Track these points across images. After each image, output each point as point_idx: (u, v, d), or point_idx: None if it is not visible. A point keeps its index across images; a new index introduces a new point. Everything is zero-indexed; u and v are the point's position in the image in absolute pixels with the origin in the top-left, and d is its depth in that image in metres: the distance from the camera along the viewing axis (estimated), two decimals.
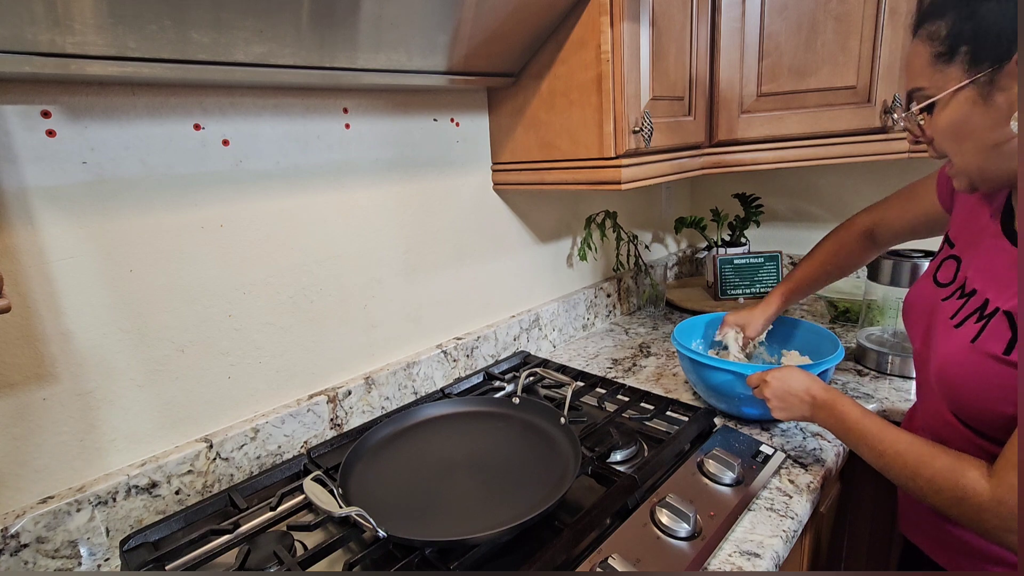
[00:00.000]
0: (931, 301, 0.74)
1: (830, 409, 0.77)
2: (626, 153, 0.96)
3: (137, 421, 0.79)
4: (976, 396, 0.62)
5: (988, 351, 0.61)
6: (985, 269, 0.66)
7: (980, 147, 0.59)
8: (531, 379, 1.11)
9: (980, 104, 0.57)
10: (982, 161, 0.60)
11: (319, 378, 0.99)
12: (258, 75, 0.76)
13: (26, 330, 0.69)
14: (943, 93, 0.59)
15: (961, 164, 0.63)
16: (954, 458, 0.61)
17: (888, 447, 0.68)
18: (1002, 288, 0.62)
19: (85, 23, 0.59)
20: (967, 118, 0.59)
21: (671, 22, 1.00)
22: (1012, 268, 0.62)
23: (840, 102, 1.13)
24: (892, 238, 0.97)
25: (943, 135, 0.62)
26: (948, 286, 0.72)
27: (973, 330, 0.63)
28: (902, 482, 0.66)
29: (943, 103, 0.60)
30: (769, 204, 1.75)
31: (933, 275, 0.76)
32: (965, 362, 0.63)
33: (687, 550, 0.68)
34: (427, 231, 1.11)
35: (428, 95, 1.06)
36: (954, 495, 0.60)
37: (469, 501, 0.75)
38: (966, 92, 0.58)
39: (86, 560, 0.74)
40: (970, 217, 0.73)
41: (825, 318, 1.48)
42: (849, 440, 0.74)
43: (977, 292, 0.66)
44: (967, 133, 0.59)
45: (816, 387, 0.80)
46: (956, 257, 0.73)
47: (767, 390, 0.84)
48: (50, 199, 0.69)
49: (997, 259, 0.65)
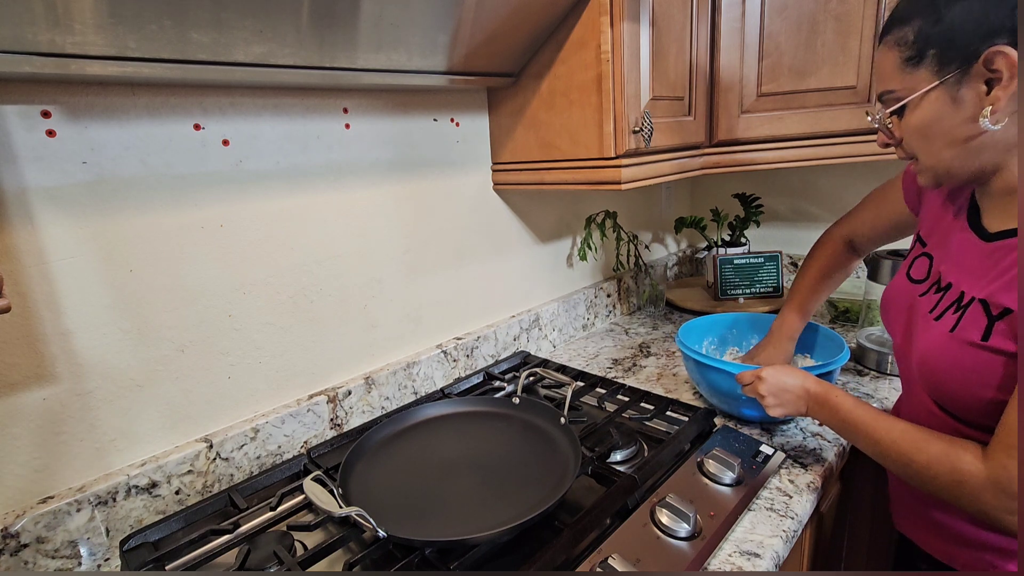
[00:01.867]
0: (908, 297, 0.76)
1: (824, 402, 0.78)
2: (626, 153, 0.96)
3: (137, 421, 0.79)
4: (957, 383, 0.64)
5: (967, 339, 0.63)
6: (958, 263, 0.69)
7: (949, 144, 0.62)
8: (531, 379, 1.11)
9: (949, 103, 0.60)
10: (950, 158, 0.63)
11: (319, 378, 0.99)
12: (258, 75, 0.76)
13: (26, 330, 0.69)
14: (914, 95, 0.62)
15: (929, 162, 0.65)
16: (948, 443, 0.62)
17: (883, 435, 0.69)
18: (975, 279, 0.65)
19: (85, 23, 0.59)
20: (937, 117, 0.62)
21: (671, 22, 1.00)
22: (982, 259, 0.65)
23: (840, 102, 1.13)
24: (870, 244, 1.00)
25: (913, 135, 0.65)
26: (923, 282, 0.74)
27: (951, 321, 0.66)
28: (899, 469, 0.67)
29: (913, 104, 0.63)
30: (769, 204, 1.75)
31: (907, 272, 0.79)
32: (945, 352, 0.65)
33: (687, 550, 0.68)
34: (427, 231, 1.11)
35: (428, 95, 1.06)
36: (951, 479, 0.61)
37: (469, 501, 0.75)
38: (936, 93, 0.61)
39: (86, 560, 0.74)
40: (938, 217, 0.76)
41: (825, 318, 1.48)
42: (845, 431, 0.75)
43: (953, 285, 0.68)
44: (936, 132, 0.62)
45: (809, 382, 0.81)
46: (928, 255, 0.76)
47: (762, 387, 0.84)
48: (50, 199, 0.69)
49: (967, 253, 0.68)
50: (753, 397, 0.86)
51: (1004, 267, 0.61)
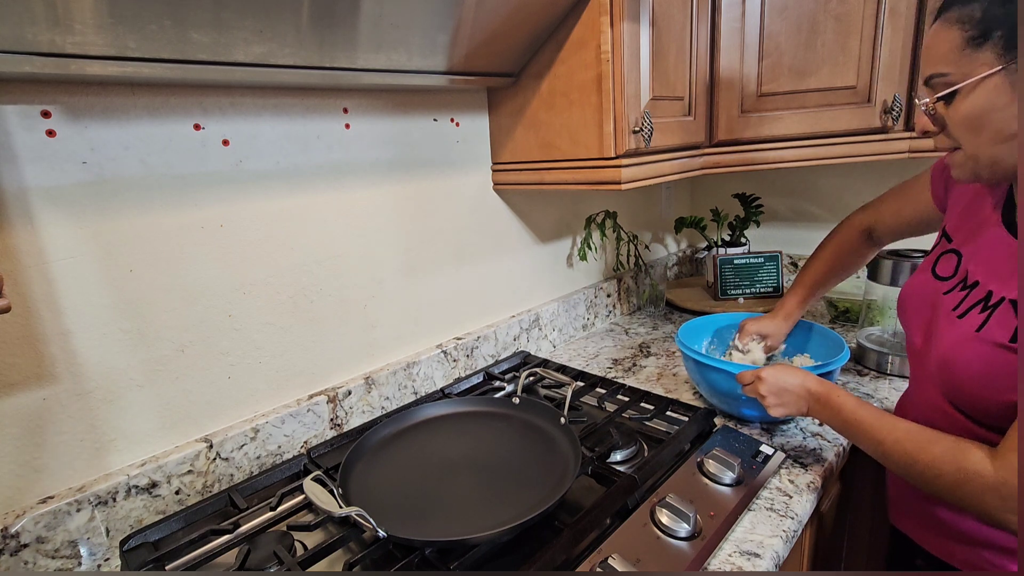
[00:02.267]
0: (931, 294, 0.74)
1: (825, 402, 0.77)
2: (626, 153, 0.96)
3: (137, 421, 0.79)
4: (980, 385, 0.62)
5: (994, 340, 0.61)
6: (987, 261, 0.67)
7: (998, 137, 0.58)
8: (531, 379, 1.11)
9: (1008, 92, 0.55)
10: (997, 152, 0.59)
11: (319, 378, 0.99)
12: (258, 75, 0.76)
13: (26, 330, 0.69)
14: (970, 79, 0.57)
15: (972, 153, 0.61)
16: (954, 441, 0.62)
17: (887, 435, 0.68)
18: (1005, 279, 0.63)
19: (85, 23, 0.59)
20: (992, 106, 0.57)
21: (671, 22, 1.00)
22: (1014, 258, 0.63)
23: (840, 102, 1.13)
24: (889, 236, 0.98)
25: (961, 123, 0.60)
26: (949, 279, 0.72)
27: (978, 320, 0.64)
28: (902, 469, 0.66)
29: (968, 90, 0.58)
30: (769, 204, 1.75)
31: (932, 268, 0.76)
32: (970, 351, 0.63)
33: (687, 550, 0.68)
34: (427, 231, 1.11)
35: (428, 95, 1.06)
36: (955, 478, 0.60)
37: (469, 501, 0.75)
38: (995, 79, 0.56)
39: (86, 560, 0.74)
40: (968, 211, 0.73)
41: (825, 318, 1.48)
42: (847, 431, 0.74)
43: (980, 284, 0.66)
44: (987, 122, 0.58)
45: (810, 381, 0.80)
46: (956, 251, 0.73)
47: (762, 387, 0.84)
48: (50, 199, 0.69)
49: (999, 250, 0.65)
50: (753, 397, 0.86)
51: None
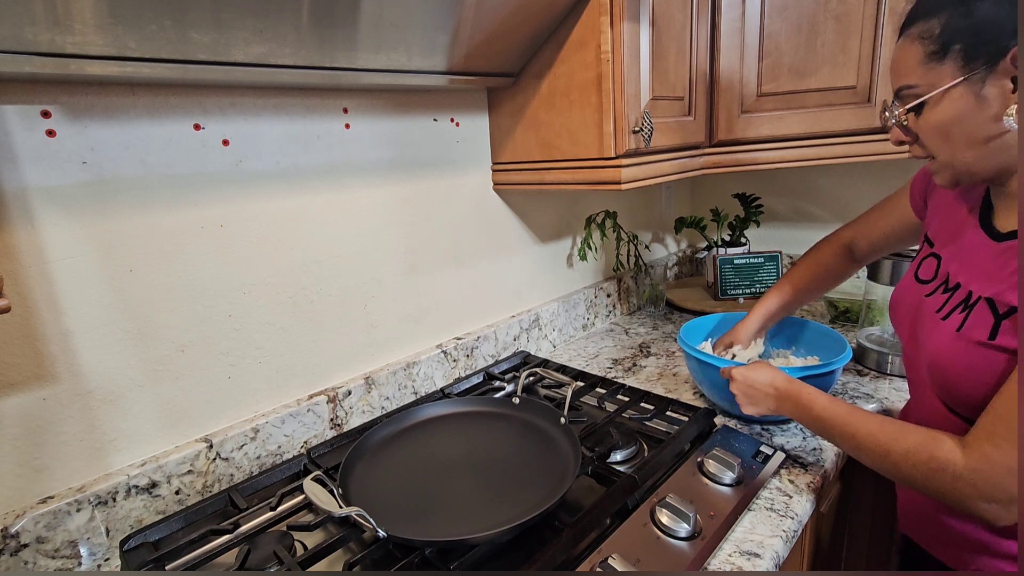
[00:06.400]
0: (915, 298, 0.75)
1: (795, 399, 0.77)
2: (626, 153, 0.96)
3: (137, 421, 0.79)
4: (967, 383, 0.63)
5: (973, 338, 0.62)
6: (966, 262, 0.68)
7: (969, 143, 0.61)
8: (531, 379, 1.11)
9: (972, 101, 0.58)
10: (971, 157, 0.61)
11: (319, 378, 0.99)
12: (258, 75, 0.76)
13: (26, 330, 0.69)
14: (935, 91, 0.60)
15: (948, 160, 0.64)
16: (926, 432, 0.62)
17: (860, 428, 0.68)
18: (983, 279, 0.64)
19: (85, 23, 0.59)
20: (959, 115, 0.60)
21: (671, 22, 1.00)
22: (992, 259, 0.64)
23: (840, 102, 1.13)
24: (869, 250, 0.98)
25: (931, 133, 0.63)
26: (930, 282, 0.74)
27: (957, 320, 0.65)
28: (876, 462, 0.66)
29: (934, 101, 0.61)
30: (769, 204, 1.75)
31: (915, 273, 0.78)
32: (953, 351, 0.65)
33: (687, 550, 0.68)
34: (427, 231, 1.11)
35: (428, 95, 1.06)
36: (929, 468, 0.60)
37: (469, 501, 0.75)
38: (959, 89, 0.59)
39: (86, 560, 0.74)
40: (947, 216, 0.75)
41: (825, 318, 1.48)
42: (819, 427, 0.74)
43: (962, 285, 0.67)
44: (957, 130, 0.61)
45: (780, 379, 0.81)
46: (936, 255, 0.75)
47: (733, 385, 0.85)
48: (50, 199, 0.69)
49: (977, 252, 0.67)
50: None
51: (1014, 267, 0.60)
